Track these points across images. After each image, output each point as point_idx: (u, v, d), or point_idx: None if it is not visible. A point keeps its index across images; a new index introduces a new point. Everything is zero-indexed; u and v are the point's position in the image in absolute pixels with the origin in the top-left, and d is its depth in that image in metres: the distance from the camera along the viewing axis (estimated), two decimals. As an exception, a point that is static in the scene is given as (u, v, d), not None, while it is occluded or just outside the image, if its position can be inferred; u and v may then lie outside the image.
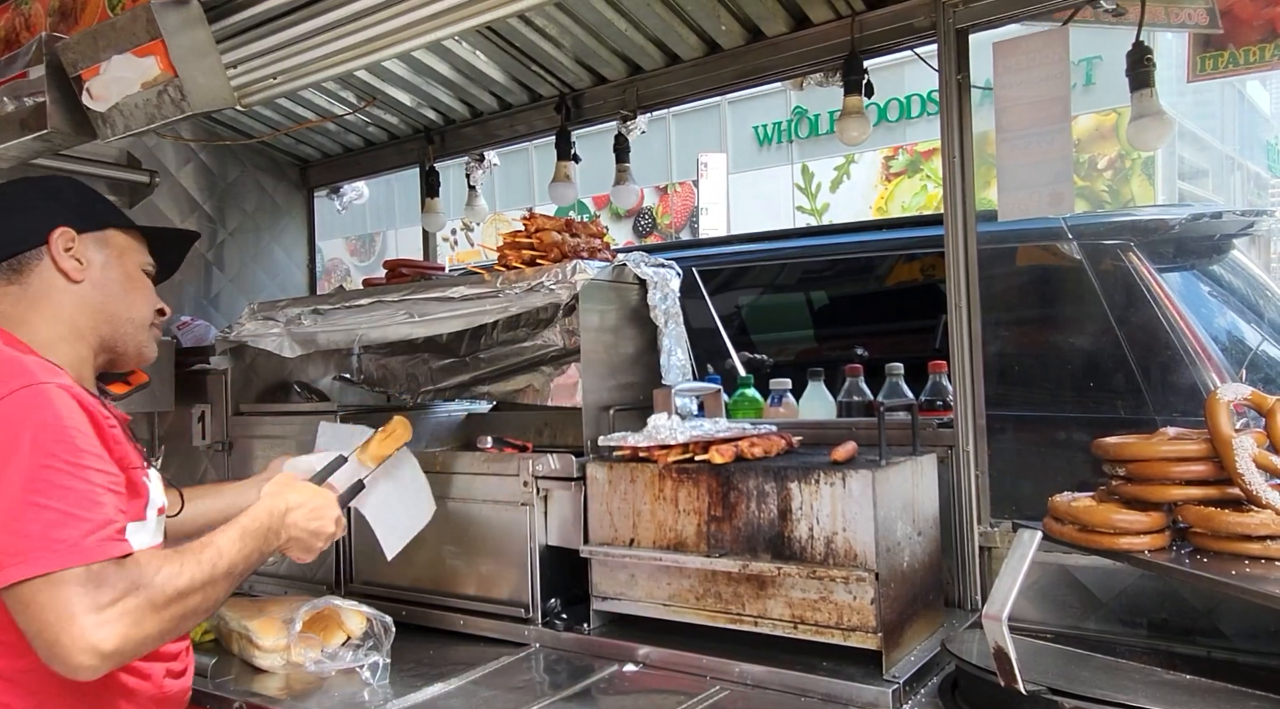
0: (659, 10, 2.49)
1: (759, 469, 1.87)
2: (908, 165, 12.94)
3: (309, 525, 1.56)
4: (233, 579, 1.37)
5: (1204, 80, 1.97)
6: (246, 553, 1.40)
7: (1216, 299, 2.89)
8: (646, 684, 1.87)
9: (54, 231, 1.44)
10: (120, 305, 1.50)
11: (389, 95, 3.12)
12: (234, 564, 1.37)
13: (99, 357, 1.51)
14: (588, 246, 2.40)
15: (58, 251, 1.44)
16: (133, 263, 1.55)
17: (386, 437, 1.98)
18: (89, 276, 1.47)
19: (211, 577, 1.31)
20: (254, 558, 1.43)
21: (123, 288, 1.51)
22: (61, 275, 1.44)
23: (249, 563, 1.41)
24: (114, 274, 1.50)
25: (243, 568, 1.39)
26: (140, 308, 1.54)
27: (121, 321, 1.51)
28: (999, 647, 1.39)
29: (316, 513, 1.58)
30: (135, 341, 1.54)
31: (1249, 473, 1.49)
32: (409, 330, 2.53)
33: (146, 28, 1.91)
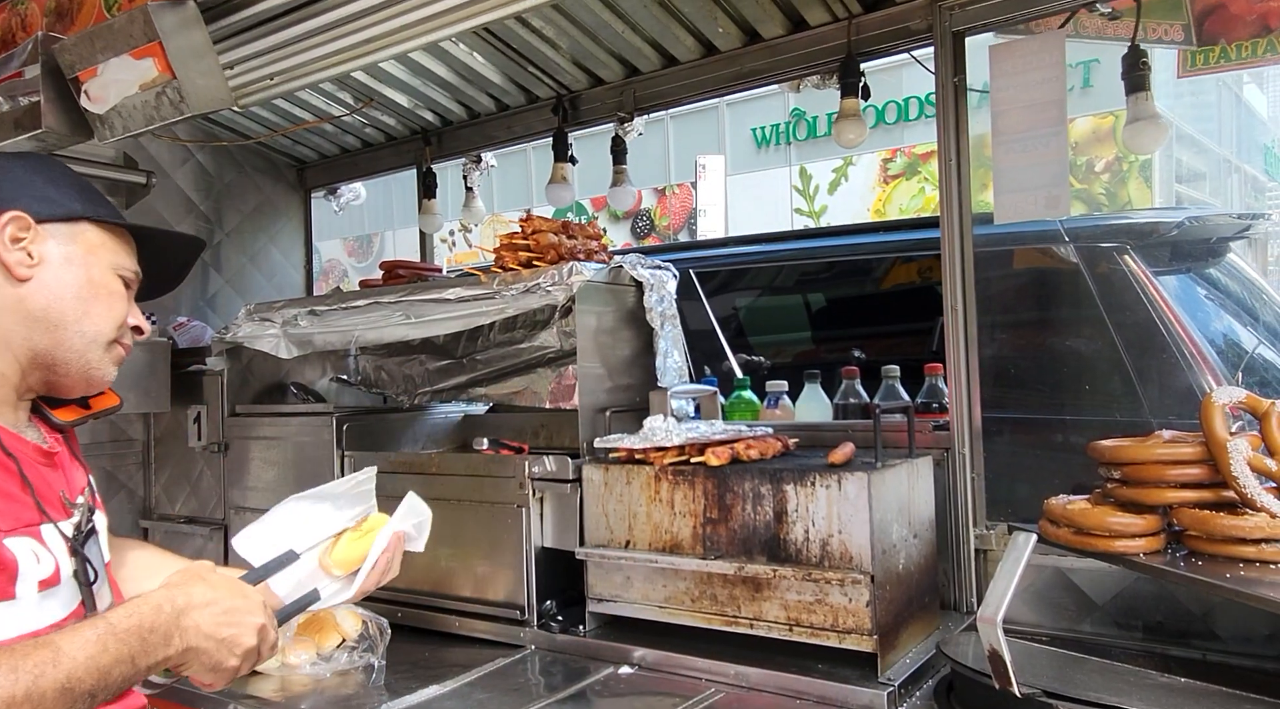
0: (656, 12, 2.49)
1: (755, 471, 1.87)
2: (905, 167, 12.96)
3: (218, 632, 1.11)
4: (71, 701, 0.94)
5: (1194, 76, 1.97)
6: (103, 663, 0.98)
7: (1212, 302, 2.89)
8: (642, 686, 1.87)
9: (2, 216, 1.17)
10: (69, 314, 1.21)
11: (386, 96, 3.12)
12: (76, 678, 0.94)
13: (31, 375, 1.22)
14: (584, 248, 2.40)
15: (3, 241, 1.17)
16: (103, 265, 1.25)
17: (360, 536, 1.48)
18: (38, 275, 1.19)
19: (30, 693, 0.90)
20: (117, 672, 0.99)
21: (78, 293, 1.22)
22: (3, 270, 1.17)
23: (107, 679, 0.98)
24: (71, 276, 1.21)
25: (91, 684, 0.96)
26: (97, 320, 1.24)
27: (67, 334, 1.21)
28: (994, 650, 1.39)
29: (231, 617, 1.13)
30: (82, 361, 1.23)
31: (1244, 476, 1.49)
32: (406, 332, 2.53)
33: (144, 29, 1.91)
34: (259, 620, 1.17)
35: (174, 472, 3.01)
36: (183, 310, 3.48)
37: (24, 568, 1.11)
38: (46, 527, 1.17)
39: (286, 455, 2.70)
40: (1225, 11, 2.03)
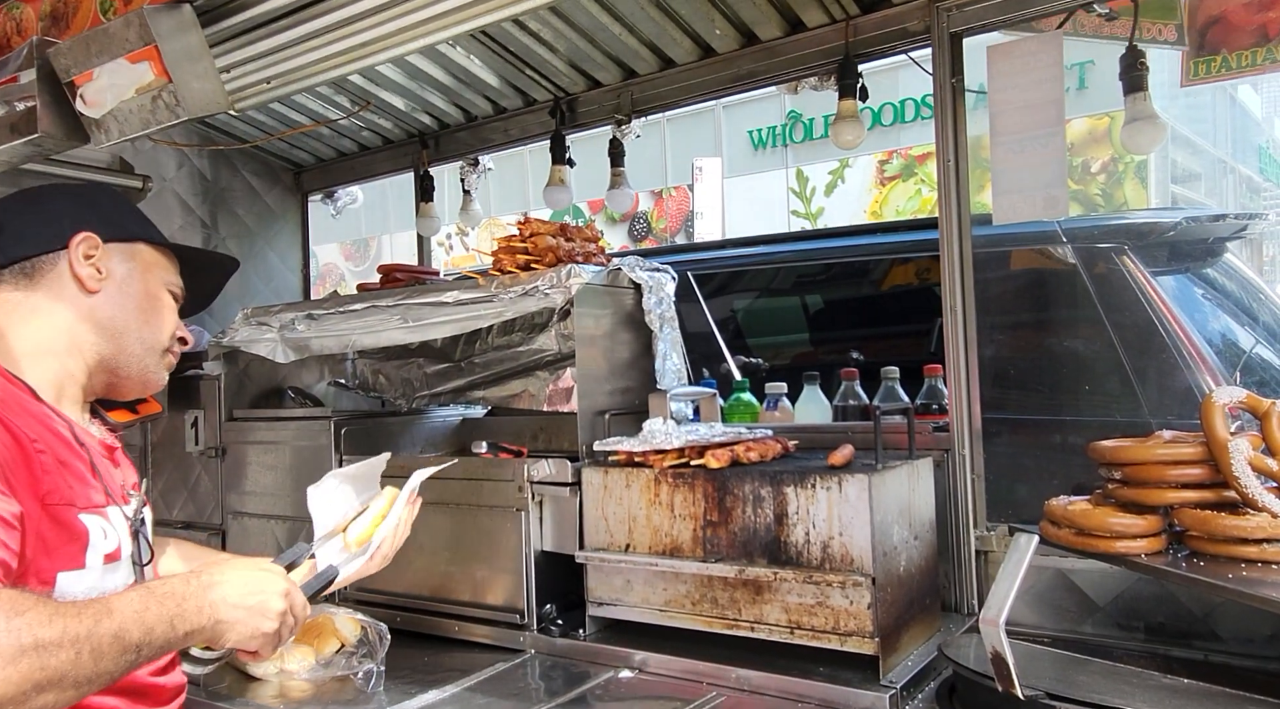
0: (653, 14, 2.49)
1: (755, 474, 1.87)
2: (902, 169, 12.98)
3: (245, 601, 1.23)
4: (123, 648, 1.05)
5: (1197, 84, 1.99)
6: (147, 620, 1.09)
7: (1210, 302, 2.89)
8: (643, 690, 1.86)
9: (76, 236, 1.34)
10: (132, 324, 1.38)
11: (383, 99, 3.12)
12: (125, 629, 1.06)
13: (96, 377, 1.38)
14: (582, 251, 2.39)
15: (77, 257, 1.33)
16: (158, 281, 1.43)
17: (380, 520, 1.65)
18: (105, 288, 1.35)
19: (91, 634, 1.02)
20: (159, 631, 1.10)
21: (140, 306, 1.39)
22: (76, 283, 1.33)
23: (150, 635, 1.09)
24: (134, 290, 1.39)
25: (139, 637, 1.07)
26: (155, 330, 1.41)
27: (130, 342, 1.38)
28: (996, 651, 1.39)
29: (253, 585, 1.26)
30: (141, 366, 1.40)
31: (1245, 476, 1.49)
32: (403, 335, 2.52)
33: (140, 33, 1.90)
34: (282, 586, 1.29)
35: (171, 477, 3.00)
36: (179, 315, 3.46)
37: (94, 540, 1.24)
38: (112, 508, 1.30)
39: (284, 460, 2.69)
40: (1226, 22, 2.05)
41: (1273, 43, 1.89)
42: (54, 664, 0.98)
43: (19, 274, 1.33)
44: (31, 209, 1.37)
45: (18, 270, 1.32)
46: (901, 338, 3.31)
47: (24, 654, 0.96)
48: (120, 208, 1.45)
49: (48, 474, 1.18)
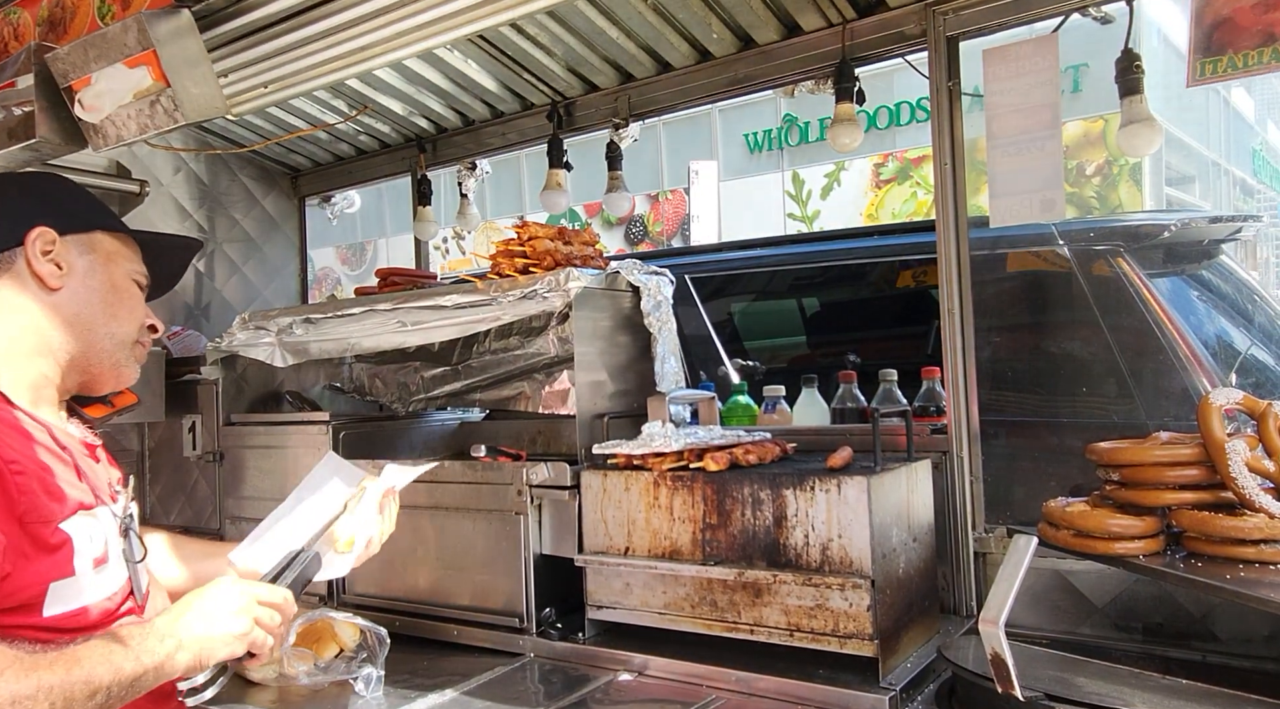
0: (650, 18, 2.49)
1: (754, 476, 1.87)
2: (898, 172, 13.01)
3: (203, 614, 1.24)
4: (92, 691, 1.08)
5: (1204, 84, 2.00)
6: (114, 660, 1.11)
7: (1205, 303, 2.90)
8: (642, 693, 1.86)
9: (31, 231, 1.27)
10: (99, 319, 1.32)
11: (380, 103, 3.12)
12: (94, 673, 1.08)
13: (69, 376, 1.33)
14: (580, 254, 2.39)
15: (34, 254, 1.27)
16: (121, 271, 1.37)
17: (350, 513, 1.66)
18: (68, 284, 1.30)
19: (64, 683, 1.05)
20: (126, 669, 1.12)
21: (105, 299, 1.33)
22: (36, 281, 1.27)
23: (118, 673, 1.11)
24: (97, 282, 1.33)
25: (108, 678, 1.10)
26: (123, 323, 1.36)
27: (99, 337, 1.33)
28: (996, 653, 1.39)
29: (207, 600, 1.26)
30: (112, 361, 1.35)
31: (1242, 477, 1.49)
32: (401, 339, 2.52)
33: (138, 38, 1.90)
34: (233, 586, 1.30)
35: (169, 482, 2.99)
36: (177, 319, 3.46)
37: (79, 546, 1.22)
38: (101, 508, 1.28)
39: (282, 464, 2.69)
40: (1232, 23, 2.06)
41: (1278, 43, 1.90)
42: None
43: None
44: None
45: None
46: (899, 340, 3.32)
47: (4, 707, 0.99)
48: (74, 196, 1.38)
49: (25, 494, 1.15)
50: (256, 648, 1.28)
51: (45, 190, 1.36)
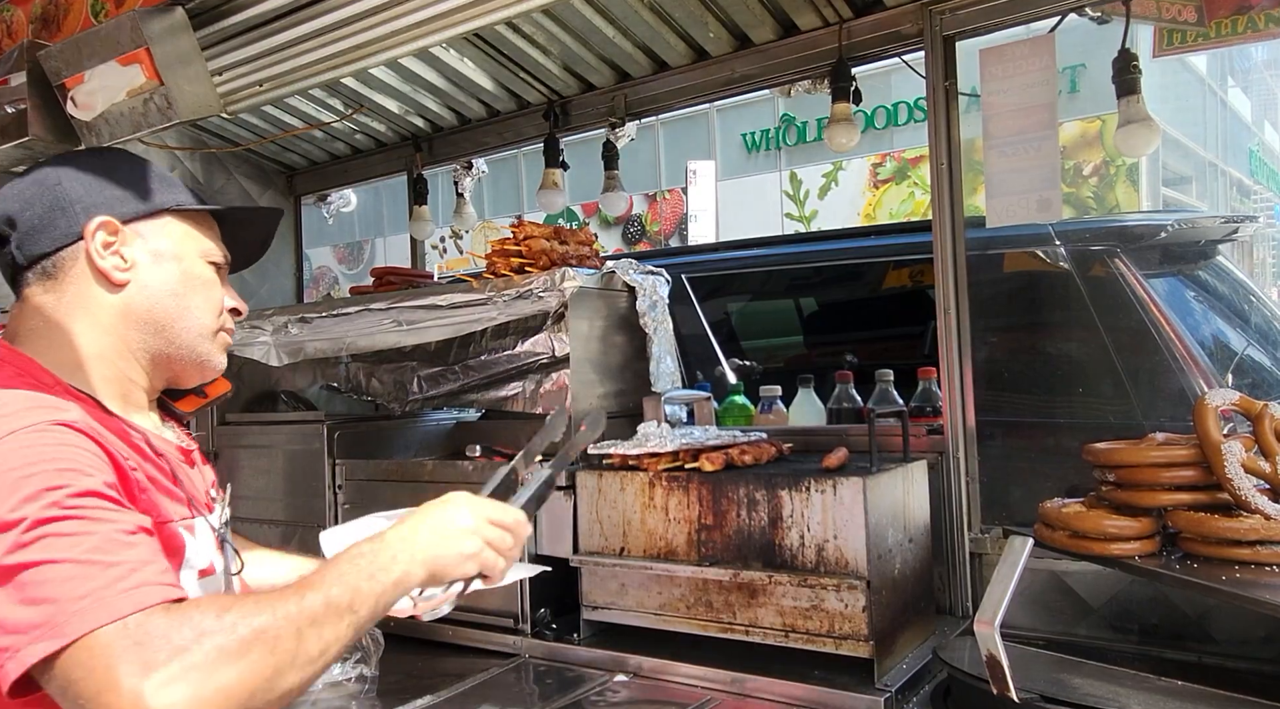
0: (647, 17, 2.49)
1: (749, 477, 1.86)
2: (895, 172, 13.02)
3: (434, 531, 1.15)
4: (338, 612, 1.01)
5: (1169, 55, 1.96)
6: (348, 580, 1.04)
7: (1202, 304, 2.90)
8: (638, 694, 1.85)
9: (90, 223, 1.15)
10: (172, 314, 1.20)
11: (376, 102, 3.11)
12: (330, 596, 1.01)
13: (155, 375, 1.23)
14: (576, 254, 2.39)
15: (96, 249, 1.15)
16: (193, 255, 1.23)
17: None
18: (135, 278, 1.17)
19: (302, 610, 0.98)
20: (364, 589, 1.04)
21: (175, 292, 1.20)
22: (100, 278, 1.16)
23: (356, 593, 1.04)
24: (166, 274, 1.20)
25: (348, 598, 1.02)
26: (200, 313, 1.23)
27: (176, 332, 1.21)
28: (991, 655, 1.39)
29: (436, 517, 1.17)
30: (194, 354, 1.23)
31: (1238, 478, 1.49)
32: (397, 338, 2.51)
33: (131, 35, 1.89)
34: (461, 503, 1.19)
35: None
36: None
37: (189, 556, 1.15)
38: (198, 520, 1.20)
39: (277, 464, 2.68)
40: None
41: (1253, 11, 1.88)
42: (281, 646, 0.94)
43: (41, 275, 1.16)
44: (40, 195, 1.17)
45: (40, 271, 1.16)
46: (896, 340, 3.32)
47: (249, 645, 0.93)
48: (138, 175, 1.23)
49: (144, 492, 1.09)
50: (488, 569, 1.19)
51: (106, 172, 1.21)
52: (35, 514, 0.92)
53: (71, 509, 0.94)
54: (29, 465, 0.96)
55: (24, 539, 0.92)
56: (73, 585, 0.90)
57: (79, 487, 0.96)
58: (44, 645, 0.88)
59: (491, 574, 1.20)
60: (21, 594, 0.90)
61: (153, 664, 0.88)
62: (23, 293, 1.18)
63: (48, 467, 0.96)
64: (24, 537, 0.92)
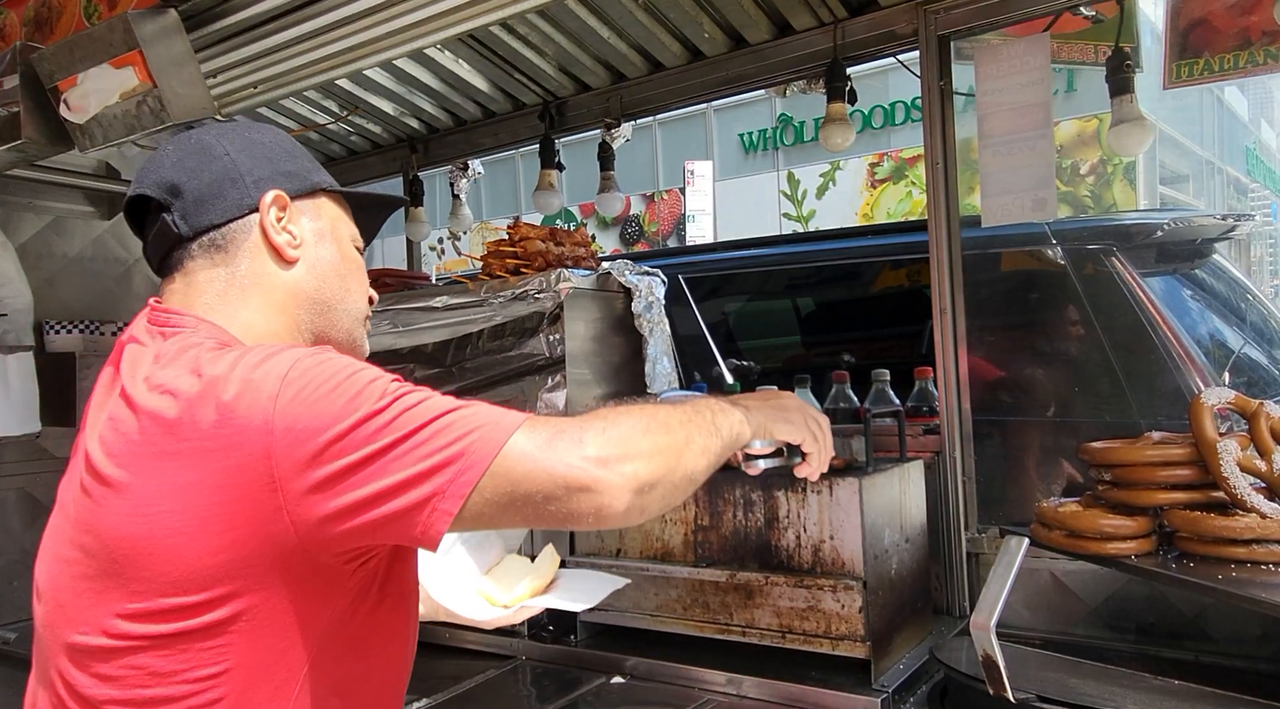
0: (641, 18, 2.49)
1: (745, 477, 1.85)
2: (892, 172, 13.03)
3: (766, 402, 1.22)
4: (713, 429, 1.07)
5: (1180, 87, 2.00)
6: (703, 408, 1.08)
7: (1199, 303, 2.90)
8: (634, 696, 1.85)
9: (265, 196, 1.10)
10: (337, 293, 1.16)
11: (371, 104, 3.11)
12: (698, 410, 1.07)
13: None
14: (572, 255, 2.39)
15: (270, 222, 1.10)
16: (345, 237, 1.20)
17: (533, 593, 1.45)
18: (304, 256, 1.13)
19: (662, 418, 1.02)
20: (719, 421, 1.09)
21: (338, 271, 1.17)
22: (273, 253, 1.11)
23: (714, 421, 1.08)
24: (327, 253, 1.16)
25: (712, 421, 1.07)
26: (356, 295, 1.20)
27: (338, 314, 1.17)
28: (987, 655, 1.38)
29: (764, 397, 1.24)
30: (350, 338, 1.19)
31: (1234, 477, 1.49)
32: (393, 340, 2.51)
33: (124, 38, 1.89)
34: (793, 399, 1.25)
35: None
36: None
37: None
38: None
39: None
40: (1208, 25, 2.06)
41: (1255, 46, 1.91)
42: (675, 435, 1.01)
43: (210, 247, 1.09)
44: (206, 164, 1.11)
45: (208, 243, 1.09)
46: (892, 340, 3.32)
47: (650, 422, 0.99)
48: (294, 152, 1.20)
49: None
50: (810, 446, 1.23)
51: (266, 145, 1.17)
52: (375, 401, 0.91)
53: (399, 388, 0.95)
54: (338, 370, 0.94)
55: (384, 417, 0.91)
56: (458, 427, 0.93)
57: (387, 373, 0.97)
58: (473, 473, 0.90)
59: (812, 452, 1.24)
60: (412, 455, 0.90)
61: (579, 440, 0.93)
62: (185, 266, 1.10)
63: (356, 367, 0.95)
64: (383, 416, 0.91)
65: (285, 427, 0.89)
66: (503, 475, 0.91)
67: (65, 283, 3.24)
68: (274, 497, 0.89)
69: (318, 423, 0.90)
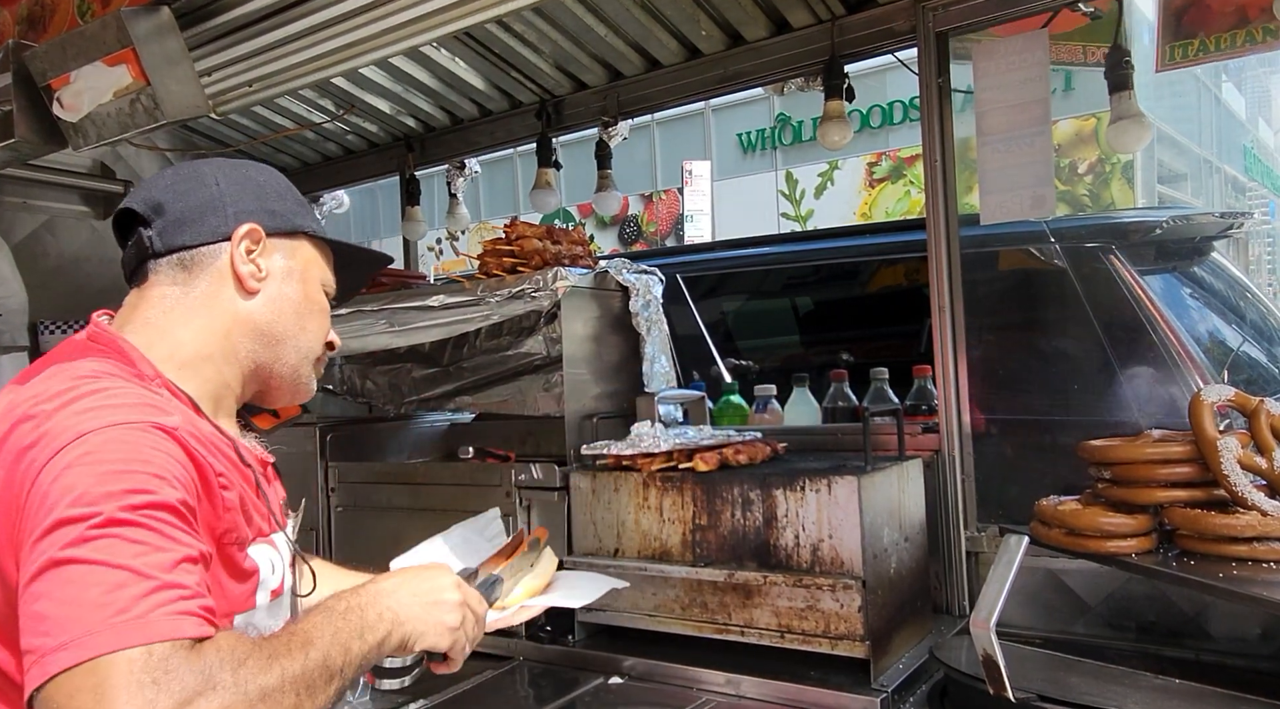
0: (638, 15, 2.48)
1: (744, 476, 1.85)
2: (891, 171, 13.03)
3: (420, 598, 1.15)
4: (330, 675, 1.00)
5: (1173, 69, 1.98)
6: (342, 639, 1.03)
7: (1198, 301, 2.90)
8: (633, 696, 1.84)
9: (240, 228, 1.18)
10: (290, 329, 1.23)
11: (368, 103, 3.09)
12: (328, 655, 1.00)
13: (248, 386, 1.24)
14: (569, 254, 2.38)
15: (239, 253, 1.17)
16: (315, 281, 1.27)
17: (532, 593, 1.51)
18: (265, 288, 1.20)
19: (304, 671, 0.97)
20: (354, 649, 1.04)
21: (298, 309, 1.23)
22: (235, 282, 1.18)
23: (347, 654, 1.03)
24: (292, 290, 1.23)
25: (340, 660, 1.02)
26: (311, 336, 1.26)
27: (287, 349, 1.23)
28: (987, 654, 1.38)
29: (426, 584, 1.16)
30: (294, 375, 1.25)
31: (1234, 474, 1.48)
32: (389, 340, 2.50)
33: (117, 36, 1.88)
34: (451, 578, 1.19)
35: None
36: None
37: (263, 576, 1.14)
38: (277, 535, 1.20)
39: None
40: (1202, 5, 2.04)
41: (1251, 25, 1.89)
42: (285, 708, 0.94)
43: (176, 266, 1.17)
44: (194, 191, 1.19)
45: (175, 261, 1.17)
46: (890, 339, 3.31)
47: (252, 704, 0.92)
48: (284, 194, 1.27)
49: (229, 512, 1.08)
50: (455, 651, 1.17)
51: (260, 183, 1.25)
52: (113, 512, 0.91)
53: (146, 520, 0.93)
54: (123, 462, 0.95)
55: (93, 532, 0.90)
56: (116, 597, 0.89)
57: (162, 498, 0.95)
58: (69, 654, 0.86)
59: (455, 656, 1.18)
60: (65, 591, 0.89)
61: (154, 706, 0.86)
62: (149, 280, 1.18)
63: (140, 468, 0.95)
64: (94, 531, 0.90)
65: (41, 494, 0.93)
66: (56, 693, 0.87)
67: (60, 283, 3.23)
68: None
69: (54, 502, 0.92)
